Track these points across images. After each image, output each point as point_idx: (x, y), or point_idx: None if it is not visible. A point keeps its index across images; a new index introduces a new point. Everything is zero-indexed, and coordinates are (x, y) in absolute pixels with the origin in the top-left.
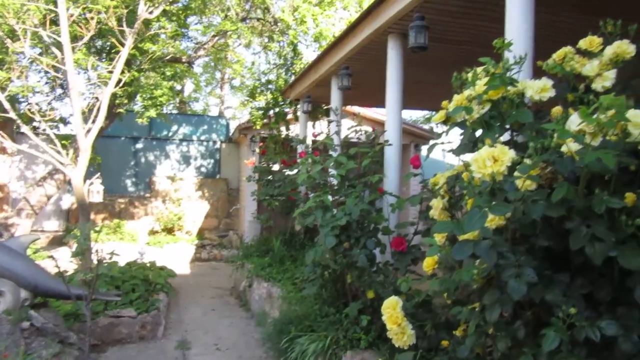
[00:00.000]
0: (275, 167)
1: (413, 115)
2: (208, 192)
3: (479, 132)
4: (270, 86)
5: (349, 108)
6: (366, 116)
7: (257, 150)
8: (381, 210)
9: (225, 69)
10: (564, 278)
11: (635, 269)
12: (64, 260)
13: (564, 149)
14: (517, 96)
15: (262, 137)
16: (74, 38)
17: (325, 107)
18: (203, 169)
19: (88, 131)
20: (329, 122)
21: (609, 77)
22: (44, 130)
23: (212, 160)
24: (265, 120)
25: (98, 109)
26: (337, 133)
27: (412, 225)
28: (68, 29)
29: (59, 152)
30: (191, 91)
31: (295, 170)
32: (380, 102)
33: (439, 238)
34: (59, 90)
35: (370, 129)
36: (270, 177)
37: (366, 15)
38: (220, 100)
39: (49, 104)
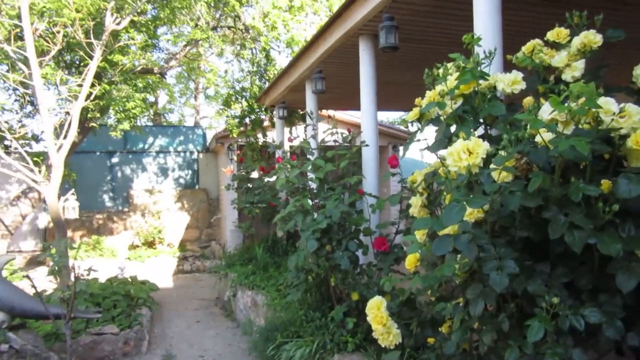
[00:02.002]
0: (254, 175)
1: (390, 116)
2: (188, 203)
3: (453, 128)
4: (244, 94)
5: (324, 112)
6: (341, 119)
7: (235, 158)
8: (362, 212)
9: (198, 78)
10: (544, 268)
11: (614, 255)
12: (43, 280)
13: (537, 139)
14: (488, 90)
15: (240, 145)
16: (41, 53)
17: (301, 112)
18: (181, 180)
19: (60, 147)
20: (306, 126)
21: (578, 67)
22: (16, 148)
23: (190, 171)
24: (241, 128)
25: (69, 124)
26: (314, 137)
27: (393, 224)
28: (34, 44)
29: (31, 170)
30: (165, 102)
31: (275, 177)
32: (356, 105)
33: (420, 235)
34: (29, 107)
35: (346, 132)
36: (249, 184)
37: (336, 18)
38: (195, 110)
39: (20, 121)
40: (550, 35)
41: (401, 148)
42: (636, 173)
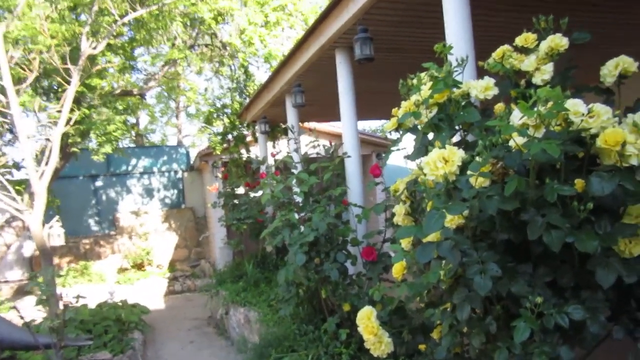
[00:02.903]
0: (240, 191)
1: (372, 125)
2: (175, 223)
3: (431, 136)
4: (226, 110)
5: (306, 124)
6: (324, 130)
7: (220, 175)
8: (348, 222)
9: (179, 97)
10: (527, 269)
11: (592, 252)
12: (31, 310)
13: (511, 143)
14: (462, 97)
15: (224, 162)
16: (18, 80)
17: (284, 126)
18: (167, 200)
19: (42, 174)
20: (288, 140)
21: (547, 71)
22: None
23: (175, 191)
24: (225, 145)
25: (50, 151)
26: (296, 150)
27: (379, 233)
28: (10, 72)
29: (14, 199)
30: (147, 123)
31: (260, 192)
32: (337, 116)
33: (405, 243)
34: (8, 135)
35: (328, 143)
36: (235, 201)
37: (311, 32)
38: (177, 129)
39: None
40: (519, 40)
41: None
42: (608, 171)
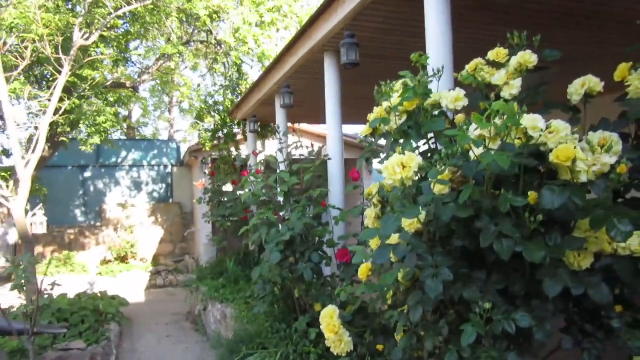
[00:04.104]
0: (227, 188)
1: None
2: (161, 217)
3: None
4: (218, 107)
5: (295, 125)
6: (312, 132)
7: (207, 172)
8: (327, 224)
9: (172, 92)
10: (481, 275)
11: (539, 262)
12: (11, 296)
13: (471, 153)
14: (433, 106)
15: (213, 158)
16: (9, 68)
17: (274, 125)
18: (155, 194)
19: (28, 162)
20: (278, 140)
21: (516, 86)
22: None
23: (164, 185)
24: (215, 142)
25: (37, 139)
26: (281, 150)
27: (355, 236)
28: (2, 59)
29: None
30: (139, 116)
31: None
32: (325, 119)
33: (374, 245)
34: None
35: (315, 145)
36: (221, 198)
37: (301, 35)
38: (169, 123)
39: None
40: (491, 54)
41: (375, 162)
42: (561, 185)
